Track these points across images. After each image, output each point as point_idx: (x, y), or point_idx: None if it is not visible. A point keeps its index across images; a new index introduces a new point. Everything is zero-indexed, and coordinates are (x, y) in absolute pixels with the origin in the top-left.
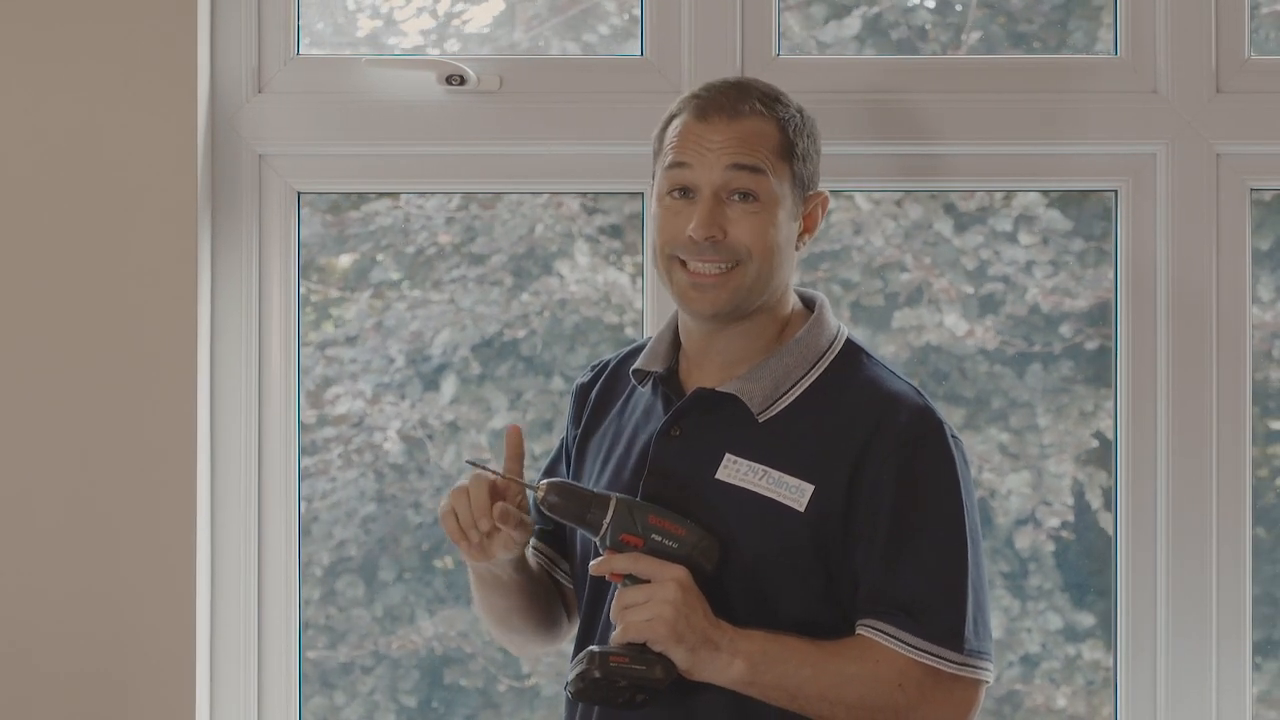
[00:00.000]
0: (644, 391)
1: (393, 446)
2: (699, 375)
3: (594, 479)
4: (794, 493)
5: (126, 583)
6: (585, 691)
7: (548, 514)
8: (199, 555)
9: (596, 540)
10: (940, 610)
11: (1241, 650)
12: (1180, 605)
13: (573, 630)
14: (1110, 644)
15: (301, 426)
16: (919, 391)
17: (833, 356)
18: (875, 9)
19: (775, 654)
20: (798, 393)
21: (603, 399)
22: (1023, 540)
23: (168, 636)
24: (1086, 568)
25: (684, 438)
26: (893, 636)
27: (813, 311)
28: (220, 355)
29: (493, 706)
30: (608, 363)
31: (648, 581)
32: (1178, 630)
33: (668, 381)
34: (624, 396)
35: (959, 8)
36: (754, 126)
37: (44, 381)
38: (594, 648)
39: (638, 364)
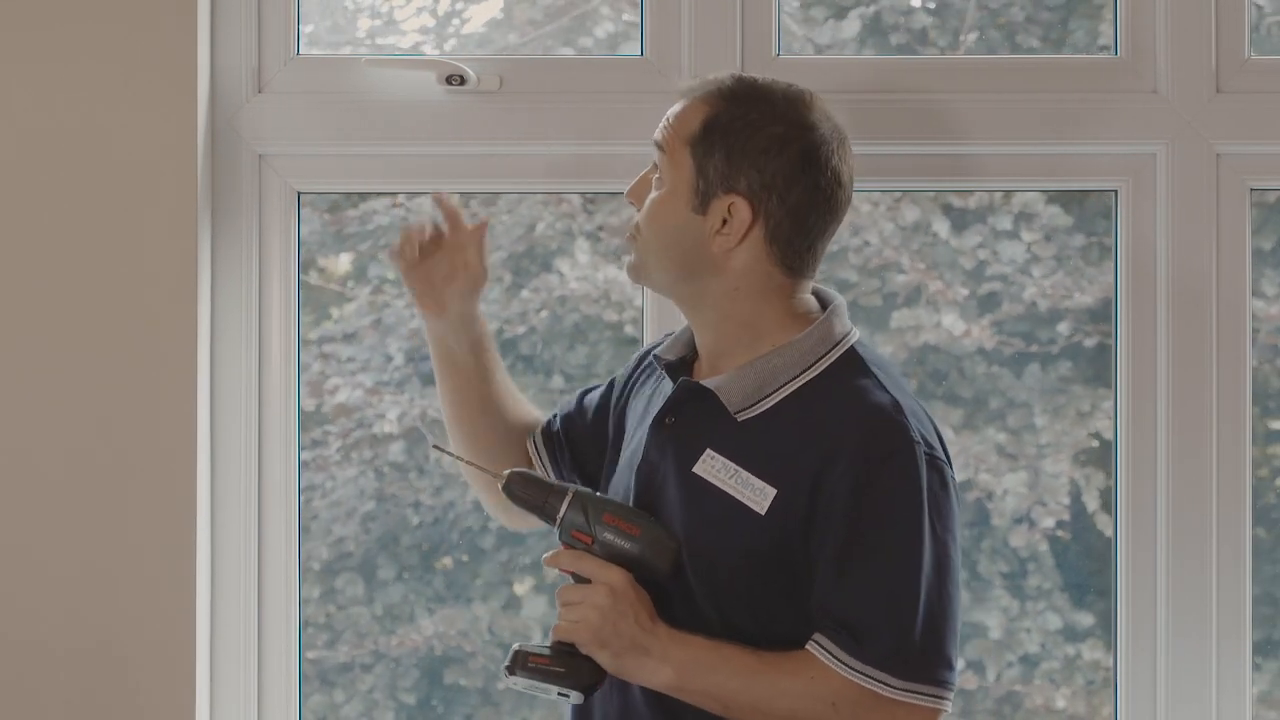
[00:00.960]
0: (666, 381)
1: (391, 428)
2: (699, 369)
3: (621, 455)
4: (757, 495)
5: (127, 581)
6: (514, 683)
7: (510, 500)
8: (199, 555)
9: (555, 531)
10: (883, 632)
11: (1241, 650)
12: (1180, 605)
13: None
14: (1110, 644)
15: (301, 426)
16: (901, 407)
17: (829, 362)
18: (874, 8)
19: (707, 662)
20: (781, 396)
21: (645, 375)
22: (1019, 539)
23: (168, 635)
24: (1086, 568)
25: (675, 428)
26: (831, 654)
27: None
28: (220, 355)
29: (492, 704)
30: (660, 342)
31: (589, 581)
32: (1178, 630)
33: (674, 371)
34: (656, 379)
35: (959, 4)
36: (684, 109)
37: (44, 381)
38: (518, 646)
39: (658, 350)
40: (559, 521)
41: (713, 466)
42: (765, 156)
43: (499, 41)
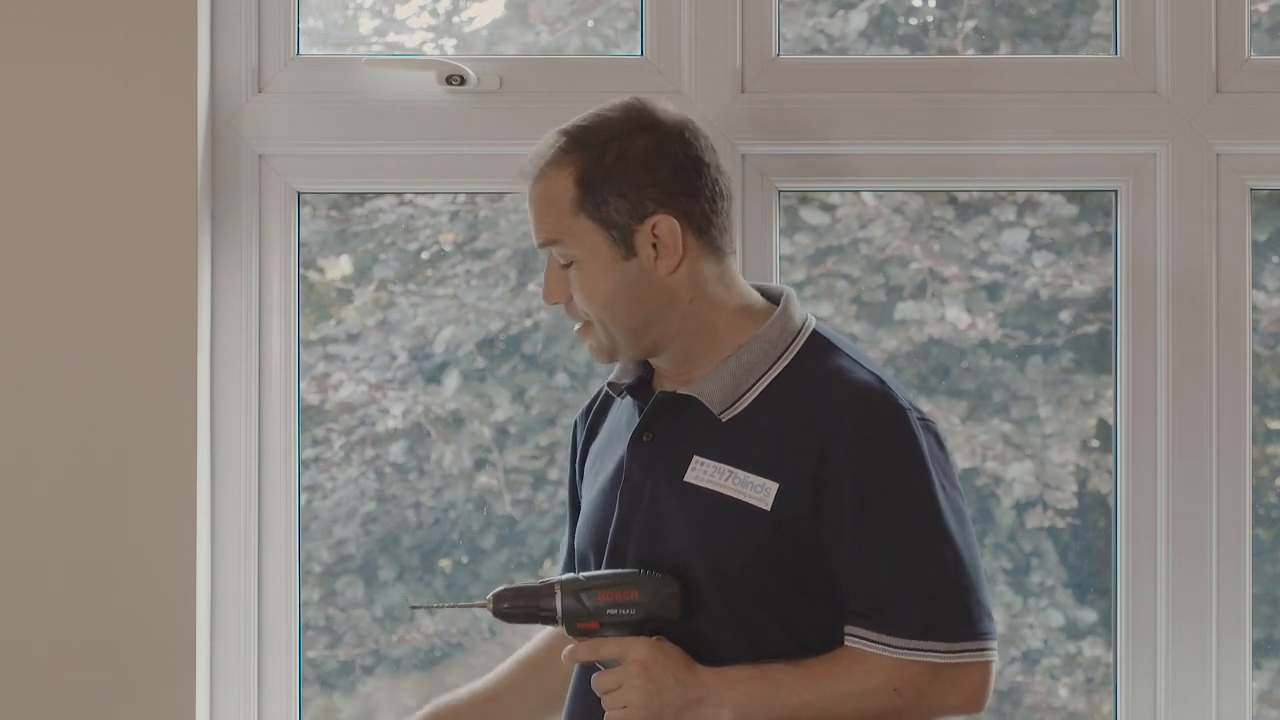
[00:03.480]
0: (625, 404)
1: (395, 424)
2: (666, 381)
3: (589, 496)
4: (759, 492)
5: (127, 582)
6: None
7: (506, 622)
8: (199, 555)
9: (561, 629)
10: (921, 604)
11: (1241, 649)
12: (1180, 604)
13: None
14: (1110, 641)
15: (302, 425)
16: (883, 380)
17: (797, 349)
18: (881, 2)
19: (761, 693)
20: (760, 389)
21: (595, 421)
22: (1032, 520)
23: (168, 636)
24: (1086, 568)
25: (655, 443)
26: (876, 642)
27: (778, 306)
28: (220, 355)
29: None
30: (602, 389)
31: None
32: (1177, 629)
33: (637, 391)
34: (614, 412)
35: None
36: (545, 190)
37: (44, 381)
38: None
39: (611, 378)
40: (560, 618)
41: (705, 472)
42: (649, 167)
43: (516, 39)
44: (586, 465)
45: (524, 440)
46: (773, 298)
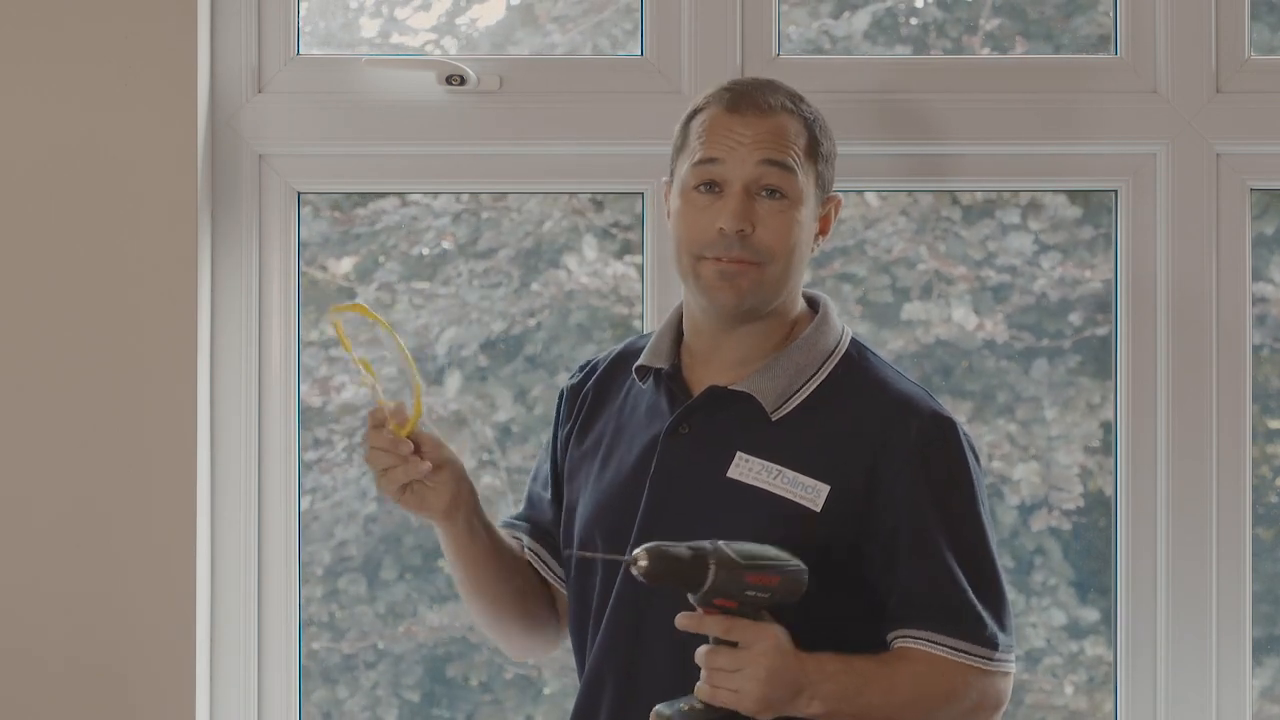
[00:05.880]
0: (644, 389)
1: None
2: (705, 373)
3: (593, 478)
4: (809, 493)
5: (127, 580)
6: None
7: (644, 579)
8: (199, 554)
9: (691, 598)
10: (981, 611)
11: (1241, 647)
12: (1180, 603)
13: (561, 635)
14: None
15: (303, 426)
16: (928, 392)
17: (840, 356)
18: (886, 3)
19: (851, 687)
20: (808, 392)
21: (597, 398)
22: (1037, 523)
23: (168, 633)
24: (1088, 567)
25: (692, 435)
26: (951, 647)
27: (817, 312)
28: (220, 355)
29: (495, 701)
30: (596, 364)
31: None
32: (1178, 627)
33: (673, 379)
34: (621, 395)
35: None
36: (784, 123)
37: (44, 381)
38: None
39: (641, 360)
40: (705, 592)
41: (750, 469)
42: (835, 151)
43: (523, 41)
44: (585, 444)
45: (526, 440)
46: (810, 303)
